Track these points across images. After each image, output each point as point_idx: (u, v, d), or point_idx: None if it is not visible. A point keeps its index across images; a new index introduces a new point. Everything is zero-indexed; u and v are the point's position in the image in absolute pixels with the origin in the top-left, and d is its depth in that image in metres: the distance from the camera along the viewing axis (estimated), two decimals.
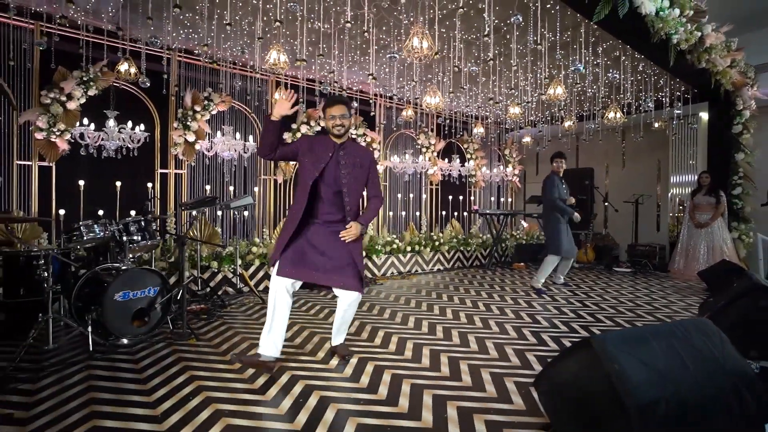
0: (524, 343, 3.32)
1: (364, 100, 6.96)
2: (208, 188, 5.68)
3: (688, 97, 6.77)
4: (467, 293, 5.24)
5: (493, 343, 3.30)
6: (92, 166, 4.92)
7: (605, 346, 1.70)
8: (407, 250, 6.76)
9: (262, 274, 5.24)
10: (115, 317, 3.04)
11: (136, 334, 3.17)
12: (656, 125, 7.02)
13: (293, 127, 6.23)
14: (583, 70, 4.38)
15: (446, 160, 8.26)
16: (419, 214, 8.03)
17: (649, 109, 6.78)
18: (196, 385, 2.47)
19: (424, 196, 8.15)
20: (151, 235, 3.52)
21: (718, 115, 6.70)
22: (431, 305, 4.56)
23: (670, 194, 7.66)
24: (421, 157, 7.89)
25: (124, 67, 4.50)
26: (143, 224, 3.49)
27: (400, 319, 4.01)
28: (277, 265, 2.66)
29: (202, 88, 5.58)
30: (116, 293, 3.05)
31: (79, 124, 4.67)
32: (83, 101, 4.69)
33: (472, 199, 9.06)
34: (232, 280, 4.98)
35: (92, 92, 4.73)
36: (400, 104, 7.54)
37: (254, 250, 5.23)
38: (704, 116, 7.14)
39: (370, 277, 6.23)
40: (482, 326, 3.77)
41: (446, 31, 4.89)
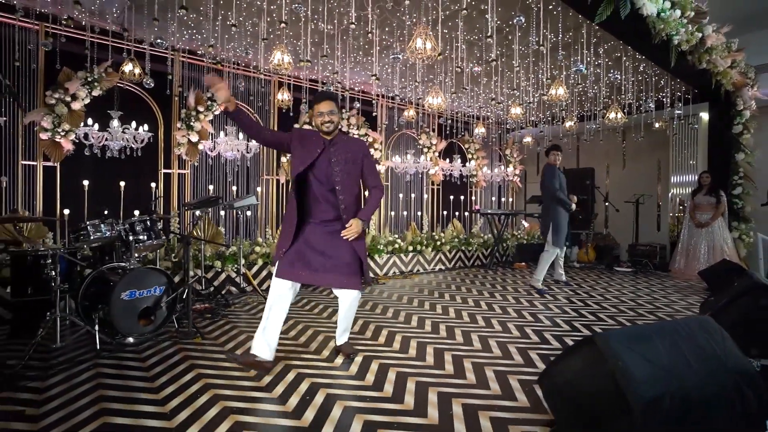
0: (527, 341, 3.35)
1: (366, 100, 6.98)
2: (211, 188, 5.70)
3: (688, 97, 6.80)
4: (469, 292, 5.27)
5: (496, 341, 3.33)
6: (96, 166, 4.95)
7: (609, 343, 1.72)
8: (409, 249, 6.79)
9: (265, 273, 5.26)
10: (121, 316, 3.07)
11: (142, 332, 3.20)
12: (657, 125, 7.05)
13: (296, 126, 6.26)
14: (584, 70, 4.41)
15: (447, 160, 8.29)
16: (421, 213, 8.06)
17: (649, 109, 6.82)
18: (203, 383, 2.50)
19: (425, 196, 8.18)
20: (156, 234, 3.54)
21: (718, 115, 6.74)
22: (434, 304, 4.59)
23: (670, 194, 7.69)
24: (422, 157, 7.92)
25: (128, 67, 4.52)
26: (149, 224, 3.52)
27: (403, 318, 4.03)
28: (276, 266, 2.66)
29: (204, 88, 5.61)
30: (123, 292, 3.08)
31: (83, 124, 4.70)
32: (87, 101, 4.72)
33: (473, 199, 9.09)
34: (235, 279, 5.00)
35: (96, 93, 4.76)
36: (401, 104, 7.57)
37: (257, 249, 5.26)
38: (705, 116, 7.17)
39: (372, 276, 6.26)
40: (485, 325, 3.80)
41: (448, 32, 4.92)
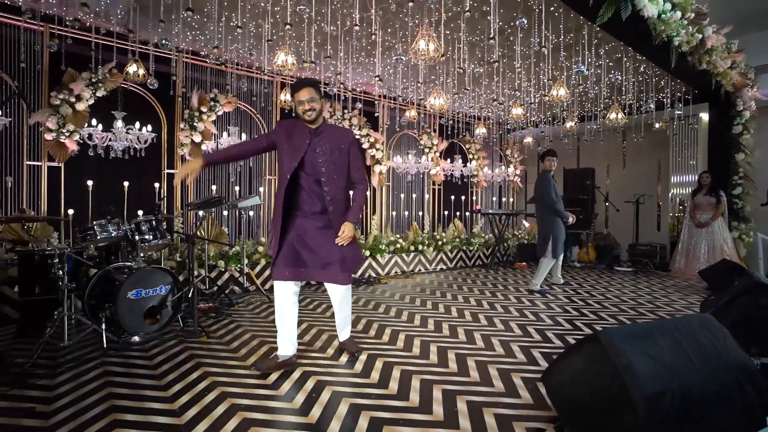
0: (529, 340, 3.38)
1: (368, 101, 7.01)
2: (214, 188, 5.73)
3: (688, 98, 6.84)
4: (471, 292, 5.30)
5: (498, 340, 3.36)
6: (100, 166, 4.98)
7: (613, 340, 1.76)
8: (410, 249, 6.82)
9: (268, 272, 5.29)
10: (128, 315, 3.10)
11: (148, 331, 3.23)
12: (657, 126, 7.09)
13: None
14: (586, 71, 4.44)
15: (449, 160, 8.32)
16: (422, 213, 8.09)
17: (650, 109, 6.85)
18: (210, 380, 2.53)
19: (426, 196, 8.21)
20: (161, 234, 3.57)
21: (718, 115, 6.78)
22: (436, 304, 4.62)
23: (670, 194, 7.72)
24: (423, 157, 7.96)
25: (132, 68, 4.55)
26: (154, 223, 3.55)
27: (405, 317, 4.06)
28: (274, 270, 2.64)
29: (208, 89, 5.64)
30: (129, 291, 3.11)
31: (87, 125, 4.73)
32: (92, 102, 4.75)
33: (474, 199, 9.12)
34: (238, 279, 5.04)
35: (101, 93, 4.79)
36: (403, 105, 7.60)
37: (260, 249, 5.28)
38: (705, 117, 7.20)
39: (374, 276, 6.29)
40: (487, 324, 3.83)
41: (450, 33, 4.95)
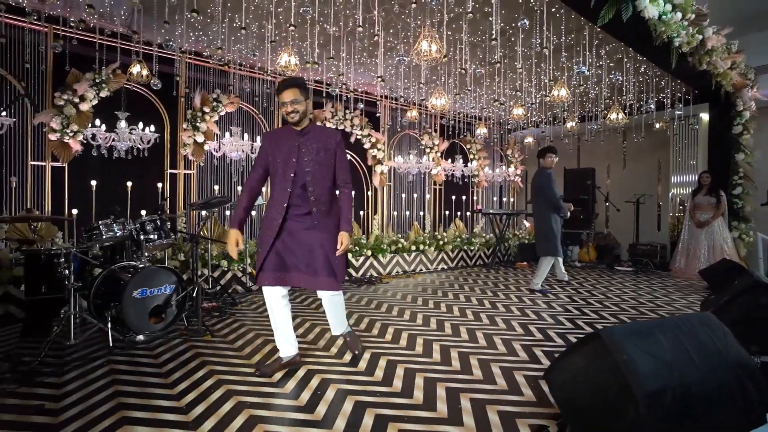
0: (531, 338, 3.41)
1: (370, 101, 7.03)
2: (216, 188, 5.76)
3: (689, 98, 6.87)
4: (472, 291, 5.33)
5: (500, 338, 3.39)
6: (103, 166, 5.01)
7: (614, 338, 1.78)
8: (412, 249, 6.85)
9: None
10: (133, 314, 3.13)
11: (152, 330, 3.25)
12: (657, 126, 7.11)
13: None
14: (587, 72, 4.47)
15: (449, 160, 8.34)
16: (423, 213, 8.12)
17: (650, 110, 6.88)
18: (216, 378, 2.56)
19: (428, 195, 8.24)
20: (166, 234, 3.60)
21: (718, 116, 6.80)
22: (438, 303, 4.65)
23: (670, 194, 7.75)
24: (425, 157, 7.98)
25: (136, 69, 4.57)
26: (158, 223, 3.57)
27: (408, 316, 4.09)
28: (258, 275, 2.58)
29: (210, 89, 5.67)
30: (135, 290, 3.14)
31: (91, 125, 4.76)
32: (95, 103, 4.77)
33: (475, 198, 9.15)
34: (241, 279, 5.06)
35: (104, 94, 4.81)
36: (404, 105, 7.62)
37: None
38: (705, 117, 7.23)
39: (376, 276, 6.31)
40: (489, 323, 3.86)
41: (452, 34, 4.98)
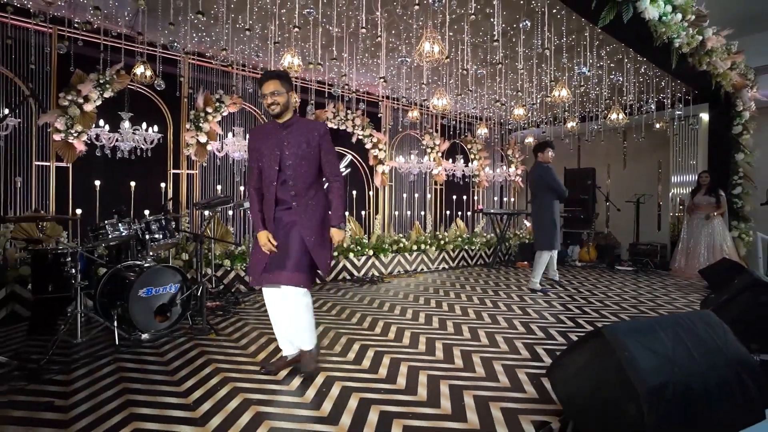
0: (533, 337, 3.44)
1: (371, 101, 7.06)
2: (219, 188, 5.79)
3: (689, 98, 6.90)
4: (473, 291, 5.36)
5: (502, 337, 3.42)
6: (107, 166, 5.03)
7: (616, 335, 1.82)
8: (413, 249, 6.89)
9: None
10: (139, 312, 3.16)
11: (158, 329, 3.28)
12: (657, 126, 7.14)
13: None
14: (588, 73, 4.49)
15: (450, 160, 8.37)
16: (424, 213, 8.15)
17: (650, 110, 6.92)
18: (222, 376, 2.59)
19: (428, 195, 8.26)
20: (171, 233, 3.63)
21: (718, 116, 6.84)
22: (439, 302, 4.68)
23: (670, 194, 7.78)
24: (426, 157, 8.01)
25: (139, 70, 4.60)
26: (163, 223, 3.61)
27: (410, 315, 4.12)
28: (250, 276, 2.62)
29: (213, 90, 5.69)
30: (140, 289, 3.17)
31: (94, 125, 4.78)
32: (99, 103, 4.80)
33: (475, 198, 9.18)
34: (244, 278, 5.09)
35: (108, 94, 4.84)
36: (406, 106, 7.65)
37: None
38: (705, 117, 7.26)
39: (377, 275, 6.34)
40: (491, 321, 3.89)
41: (454, 34, 5.00)
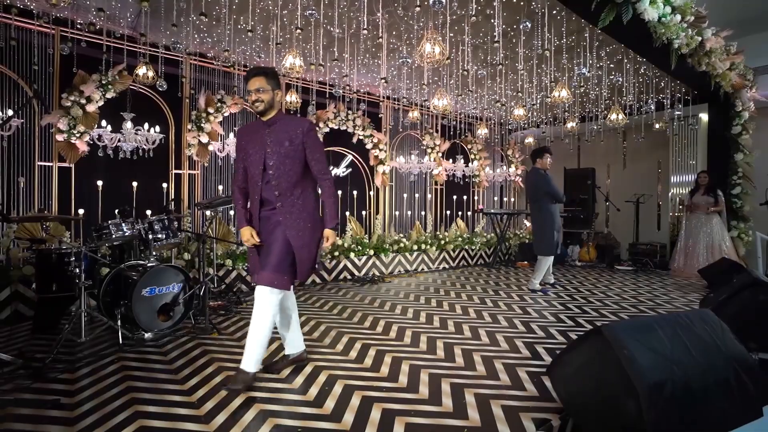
0: (533, 336, 3.47)
1: (372, 102, 7.08)
2: (220, 188, 5.81)
3: (688, 98, 6.93)
4: (474, 290, 5.38)
5: (503, 336, 3.44)
6: (109, 166, 5.05)
7: (615, 333, 1.84)
8: (414, 248, 6.91)
9: None
10: (142, 312, 3.19)
11: (161, 328, 3.31)
12: (657, 126, 7.16)
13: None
14: (588, 74, 4.52)
15: (450, 160, 8.39)
16: (425, 213, 8.17)
17: (650, 110, 6.94)
18: (225, 374, 2.61)
19: (429, 195, 8.28)
20: (173, 233, 3.65)
21: (717, 116, 6.87)
22: (440, 301, 4.70)
23: (670, 194, 7.81)
24: (426, 157, 8.03)
25: (142, 70, 4.63)
26: (166, 222, 3.63)
27: (411, 314, 4.15)
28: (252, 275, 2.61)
29: (215, 90, 5.72)
30: (144, 289, 3.20)
31: (97, 126, 4.81)
32: (101, 104, 4.82)
33: (476, 198, 9.20)
34: (246, 277, 5.12)
35: (110, 95, 4.86)
36: (406, 106, 7.67)
37: None
38: (704, 117, 7.28)
39: (378, 275, 6.37)
40: (491, 321, 3.92)
41: (455, 35, 5.03)
